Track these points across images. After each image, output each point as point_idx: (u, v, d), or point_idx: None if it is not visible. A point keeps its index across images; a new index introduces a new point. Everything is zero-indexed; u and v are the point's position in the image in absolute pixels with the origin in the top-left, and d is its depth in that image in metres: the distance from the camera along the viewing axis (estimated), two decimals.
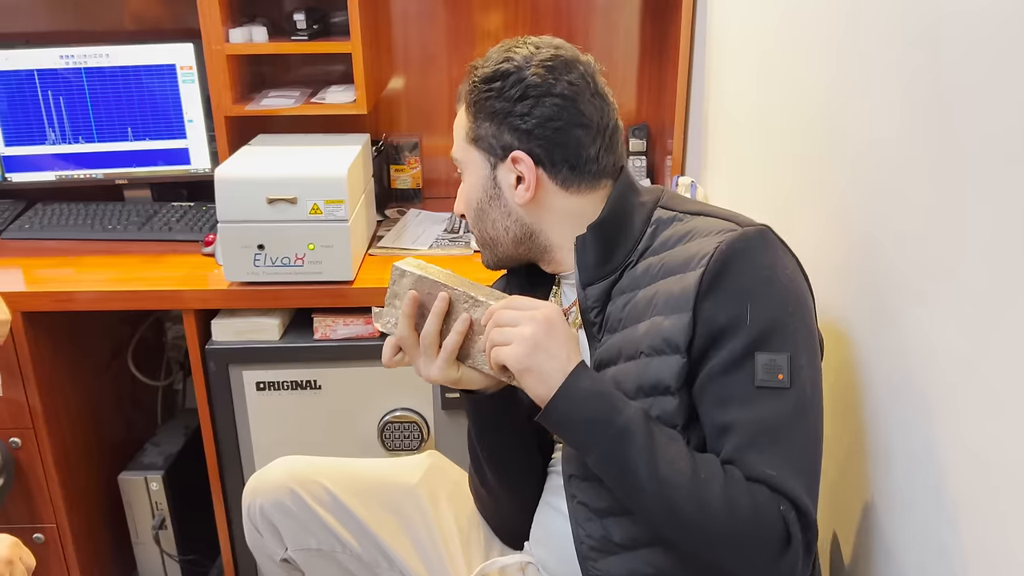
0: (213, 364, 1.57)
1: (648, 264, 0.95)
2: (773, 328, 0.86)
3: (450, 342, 0.94)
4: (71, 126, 1.82)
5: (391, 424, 1.61)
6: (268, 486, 1.16)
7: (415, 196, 2.02)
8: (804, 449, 0.86)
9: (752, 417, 0.85)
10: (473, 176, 1.02)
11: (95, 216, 1.83)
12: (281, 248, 1.51)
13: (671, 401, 0.88)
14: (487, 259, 1.08)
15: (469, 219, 1.06)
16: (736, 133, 1.53)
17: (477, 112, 0.99)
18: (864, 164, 0.98)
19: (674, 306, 0.89)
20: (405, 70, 1.98)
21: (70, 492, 1.68)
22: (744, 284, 0.87)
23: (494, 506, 1.15)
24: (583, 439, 0.88)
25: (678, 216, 0.97)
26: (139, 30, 1.92)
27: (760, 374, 0.85)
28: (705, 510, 0.83)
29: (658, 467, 0.84)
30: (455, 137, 1.04)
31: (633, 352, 0.92)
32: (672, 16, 1.81)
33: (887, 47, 0.92)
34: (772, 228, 0.92)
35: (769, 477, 0.83)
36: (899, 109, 0.89)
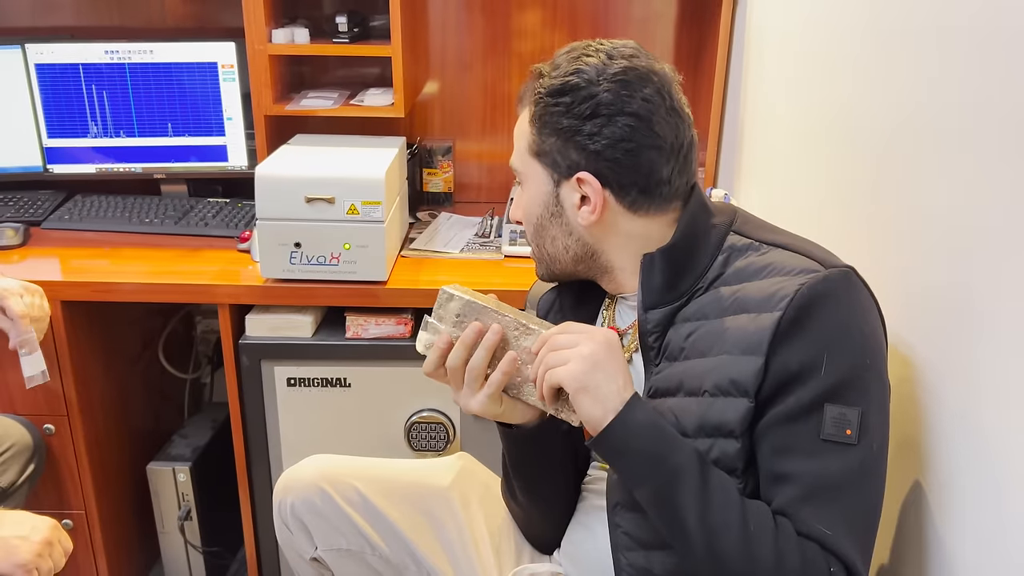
0: (246, 359, 1.59)
1: (719, 294, 0.91)
2: (848, 381, 0.83)
3: (495, 380, 0.92)
4: (113, 120, 1.85)
5: (418, 424, 1.62)
6: (299, 484, 1.17)
7: (446, 200, 2.04)
8: (863, 510, 0.84)
9: (813, 470, 0.82)
10: (534, 189, 0.98)
11: (133, 209, 1.86)
12: (317, 247, 1.53)
13: (733, 444, 0.85)
14: (542, 272, 1.05)
15: (527, 232, 1.02)
16: (771, 146, 1.54)
17: (542, 126, 0.93)
18: (904, 176, 0.99)
19: (746, 347, 0.85)
20: (441, 75, 2.00)
21: (99, 480, 1.70)
22: (823, 332, 0.83)
23: (524, 518, 1.15)
24: (635, 471, 0.85)
25: (754, 244, 0.93)
26: (182, 28, 1.95)
27: (828, 427, 0.82)
28: (753, 563, 0.80)
29: (708, 514, 0.81)
30: (516, 145, 0.99)
31: (696, 388, 0.89)
32: (709, 28, 1.82)
33: (929, 56, 0.92)
34: (856, 270, 0.88)
35: (823, 536, 0.81)
36: (941, 119, 0.89)
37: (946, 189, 0.89)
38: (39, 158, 1.87)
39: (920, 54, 0.96)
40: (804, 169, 1.35)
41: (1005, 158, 0.78)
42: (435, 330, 0.96)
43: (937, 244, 0.91)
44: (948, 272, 0.88)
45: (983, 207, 0.82)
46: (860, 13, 1.14)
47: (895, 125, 1.02)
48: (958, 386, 0.86)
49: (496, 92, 2.01)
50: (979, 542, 0.82)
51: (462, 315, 0.95)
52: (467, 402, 0.94)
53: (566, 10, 1.94)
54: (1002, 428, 0.78)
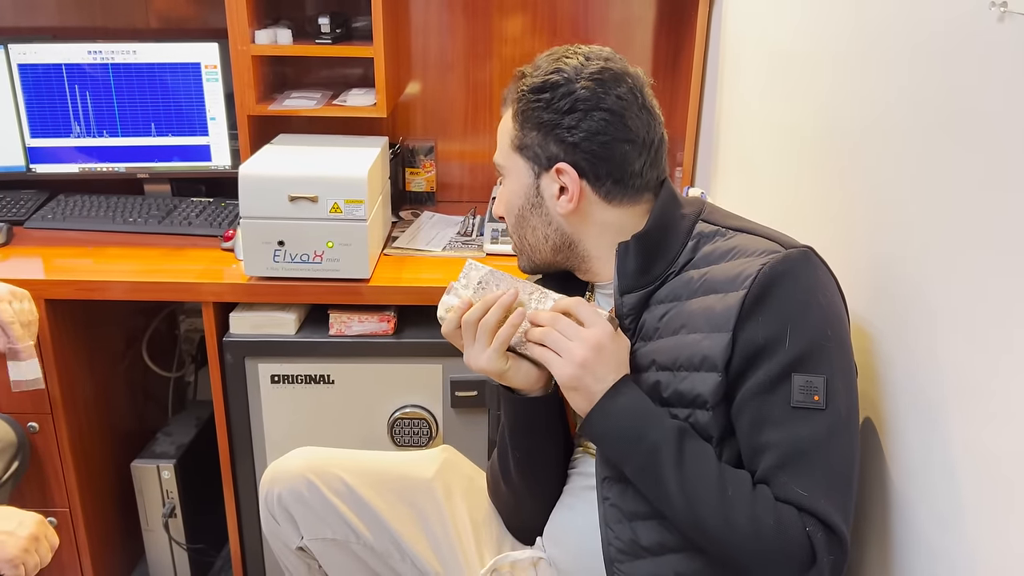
0: (230, 356, 1.60)
1: (689, 277, 0.97)
2: (811, 351, 0.88)
3: (503, 332, 0.97)
4: (96, 120, 1.86)
5: (401, 420, 1.64)
6: (286, 475, 1.19)
7: (429, 199, 2.06)
8: (837, 470, 0.88)
9: (786, 438, 0.87)
10: (516, 183, 1.04)
11: (116, 209, 1.87)
12: (301, 245, 1.55)
13: (706, 415, 0.91)
14: (524, 264, 1.11)
15: (508, 224, 1.08)
16: (747, 145, 1.57)
17: (524, 121, 1.00)
18: (875, 174, 1.02)
19: (715, 324, 0.91)
20: (423, 75, 2.03)
21: (83, 478, 1.71)
22: (785, 307, 0.88)
23: (512, 502, 1.18)
24: (618, 451, 0.93)
25: (720, 231, 0.99)
26: (165, 28, 1.96)
27: (796, 395, 0.87)
28: (730, 526, 0.86)
29: (685, 483, 0.88)
30: (499, 142, 1.06)
31: (671, 363, 0.94)
32: (686, 31, 1.85)
33: (898, 57, 0.96)
34: (814, 249, 0.93)
35: (800, 498, 0.86)
36: (911, 117, 0.93)
37: (909, 186, 0.93)
38: (22, 158, 1.88)
39: (889, 59, 1.00)
40: (778, 167, 1.39)
41: (960, 159, 0.82)
42: (457, 295, 1.03)
43: (899, 236, 0.95)
44: (908, 262, 0.92)
45: (941, 202, 0.86)
46: (831, 19, 1.18)
47: (864, 126, 1.06)
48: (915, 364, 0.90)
49: (478, 93, 2.04)
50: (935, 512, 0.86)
51: (483, 283, 1.02)
52: (476, 357, 0.99)
53: (546, 13, 1.97)
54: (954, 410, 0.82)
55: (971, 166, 0.81)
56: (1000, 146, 0.76)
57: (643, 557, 0.97)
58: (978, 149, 0.80)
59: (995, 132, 0.77)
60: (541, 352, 0.95)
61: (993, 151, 0.77)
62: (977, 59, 0.80)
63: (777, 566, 0.86)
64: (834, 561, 0.86)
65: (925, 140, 0.90)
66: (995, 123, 0.77)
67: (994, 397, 0.77)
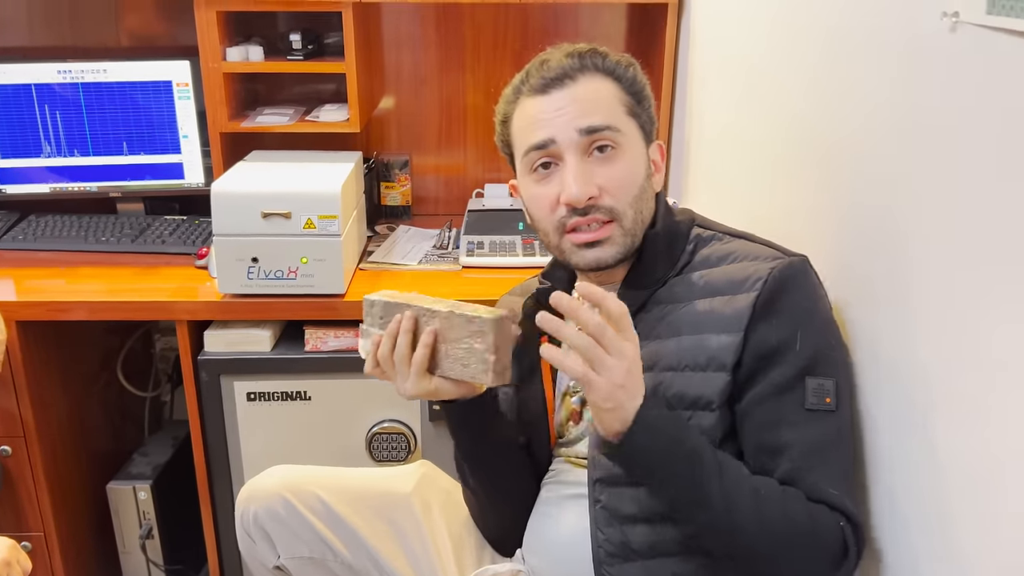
0: (205, 374, 1.59)
1: (688, 279, 0.98)
2: (821, 355, 0.91)
3: (418, 355, 0.96)
4: (67, 140, 1.85)
5: (379, 435, 1.64)
6: (262, 494, 1.18)
7: (404, 213, 2.07)
8: (848, 467, 0.92)
9: (804, 439, 0.90)
10: (637, 152, 1.00)
11: (88, 228, 1.85)
12: (275, 261, 1.54)
13: (710, 416, 0.93)
14: (618, 251, 0.99)
15: (629, 196, 0.98)
16: (716, 156, 1.59)
17: (630, 88, 1.01)
18: (841, 184, 1.04)
19: (724, 326, 0.92)
20: (396, 90, 2.03)
21: (58, 501, 1.69)
22: (795, 311, 0.91)
23: (486, 514, 1.18)
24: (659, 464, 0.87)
25: (716, 235, 1.02)
26: (135, 47, 1.96)
27: (810, 397, 0.90)
28: (765, 527, 0.86)
29: (725, 488, 0.86)
30: (607, 107, 0.98)
31: (675, 364, 0.95)
32: (656, 46, 1.87)
33: (860, 70, 0.98)
34: (809, 258, 0.97)
35: (832, 496, 0.88)
36: (875, 127, 0.95)
37: (875, 195, 0.95)
38: None
39: (853, 71, 1.02)
40: (746, 178, 1.41)
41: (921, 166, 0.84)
42: (368, 335, 1.02)
43: (864, 243, 0.96)
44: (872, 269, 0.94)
45: (909, 208, 0.87)
46: (796, 33, 1.20)
47: (830, 137, 1.07)
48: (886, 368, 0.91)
49: (452, 106, 2.05)
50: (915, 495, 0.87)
51: (385, 315, 1.01)
52: (402, 386, 0.99)
53: (517, 26, 1.99)
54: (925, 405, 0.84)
55: (932, 172, 0.82)
56: (957, 151, 0.78)
57: (633, 560, 0.97)
58: (938, 155, 0.81)
59: (953, 137, 0.78)
60: (584, 373, 0.81)
61: (951, 157, 0.79)
62: (933, 69, 0.82)
63: (814, 562, 0.88)
64: (859, 551, 0.89)
65: (889, 149, 0.91)
66: (951, 129, 0.78)
67: (966, 398, 0.78)
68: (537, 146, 0.99)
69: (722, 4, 1.54)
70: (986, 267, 0.73)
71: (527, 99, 1.01)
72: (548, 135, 0.98)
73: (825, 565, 0.88)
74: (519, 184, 1.07)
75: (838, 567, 0.88)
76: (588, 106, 0.97)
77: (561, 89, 0.98)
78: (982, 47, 0.73)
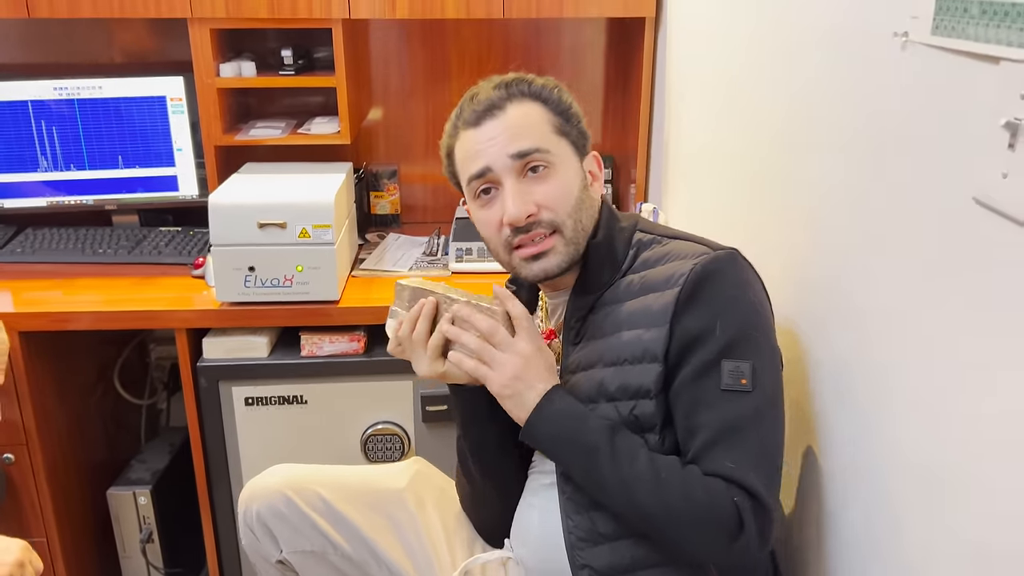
0: (204, 381, 1.64)
1: (629, 281, 1.06)
2: (738, 339, 0.97)
3: (434, 339, 1.05)
4: (63, 154, 1.90)
5: (374, 437, 1.70)
6: (264, 492, 1.24)
7: (394, 221, 2.13)
8: (764, 445, 0.97)
9: (717, 417, 0.96)
10: (568, 165, 1.08)
11: (85, 240, 1.90)
12: (271, 270, 1.60)
13: (650, 404, 1.00)
14: (565, 258, 1.07)
15: (565, 210, 1.06)
16: (693, 162, 1.66)
17: (556, 109, 1.08)
18: (806, 188, 1.11)
19: (654, 320, 1.00)
20: (384, 102, 2.09)
21: (60, 507, 1.73)
22: (715, 300, 0.98)
23: (480, 503, 1.24)
24: (557, 454, 1.02)
25: (656, 239, 1.09)
26: (128, 63, 2.01)
27: (725, 378, 0.96)
28: (666, 507, 0.94)
29: (622, 474, 0.96)
30: (535, 131, 1.06)
31: (616, 359, 1.03)
32: (635, 55, 1.95)
33: (820, 83, 1.05)
34: (740, 251, 1.04)
35: (729, 470, 0.94)
36: (835, 135, 1.02)
37: (836, 199, 1.02)
38: None
39: (814, 84, 1.09)
40: (720, 182, 1.48)
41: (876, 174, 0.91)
42: (395, 316, 1.12)
43: (827, 241, 1.03)
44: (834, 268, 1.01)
45: (863, 213, 0.94)
46: (761, 45, 1.27)
47: (796, 143, 1.15)
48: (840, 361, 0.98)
49: (438, 117, 2.09)
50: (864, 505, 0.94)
51: (412, 299, 1.09)
52: (418, 366, 1.08)
53: (500, 39, 2.05)
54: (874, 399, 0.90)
55: (887, 179, 0.89)
56: (907, 160, 0.85)
57: (601, 544, 1.03)
58: (891, 165, 0.88)
59: (904, 147, 0.85)
60: (474, 367, 1.02)
61: (902, 166, 0.86)
62: (885, 84, 0.89)
63: (709, 537, 0.93)
64: (760, 529, 0.93)
65: (851, 158, 0.98)
66: (902, 139, 0.86)
67: (912, 391, 0.85)
68: (476, 175, 1.07)
69: (697, 20, 1.62)
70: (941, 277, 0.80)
71: (463, 132, 1.09)
72: (484, 164, 1.06)
73: (721, 540, 0.93)
74: (470, 209, 1.15)
75: (734, 540, 0.92)
76: (517, 132, 1.05)
77: (492, 119, 1.06)
78: (928, 63, 0.80)
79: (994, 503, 0.72)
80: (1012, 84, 0.67)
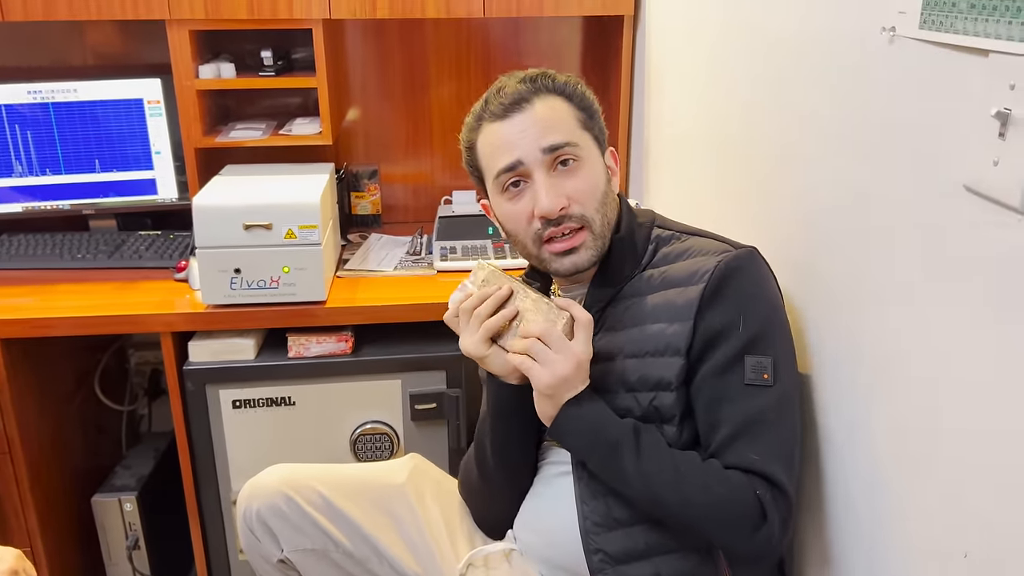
0: (191, 384, 1.63)
1: (649, 275, 1.09)
2: (761, 335, 1.00)
3: (492, 320, 1.06)
4: (38, 159, 1.87)
5: (363, 436, 1.70)
6: (264, 491, 1.24)
7: (375, 221, 2.13)
8: (784, 438, 1.00)
9: (740, 411, 0.99)
10: (593, 159, 1.09)
11: (63, 246, 1.87)
12: (257, 271, 1.59)
13: (670, 396, 1.03)
14: (592, 255, 1.09)
15: (595, 202, 1.07)
16: (674, 156, 1.69)
17: (580, 104, 1.10)
18: (790, 180, 1.14)
19: (678, 315, 1.02)
20: (363, 102, 2.09)
21: (44, 515, 1.71)
22: (738, 297, 1.01)
23: (486, 494, 1.24)
24: (583, 448, 1.04)
25: (675, 235, 1.12)
26: (102, 65, 1.98)
27: (749, 373, 0.99)
28: (686, 499, 0.97)
29: (643, 467, 0.98)
30: (563, 125, 1.07)
31: (638, 351, 1.05)
32: (613, 53, 1.97)
33: (807, 78, 1.08)
34: (758, 249, 1.06)
35: (752, 462, 0.97)
36: (821, 129, 1.05)
37: (826, 193, 1.05)
38: None
39: (800, 78, 1.12)
40: (703, 177, 1.51)
41: (861, 165, 0.94)
42: (463, 289, 1.12)
43: (813, 235, 1.06)
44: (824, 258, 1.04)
45: (851, 203, 0.98)
46: (745, 42, 1.30)
47: (780, 138, 1.18)
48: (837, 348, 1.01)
49: (418, 117, 2.12)
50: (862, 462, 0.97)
51: (487, 280, 1.10)
52: (465, 340, 1.08)
53: (479, 38, 2.07)
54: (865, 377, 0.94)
55: (876, 170, 0.92)
56: (897, 151, 0.88)
57: (616, 529, 1.05)
58: (880, 156, 0.91)
59: (893, 138, 0.89)
60: (521, 360, 1.02)
61: (891, 156, 0.89)
62: (873, 78, 0.92)
63: (732, 528, 0.96)
64: (782, 518, 0.96)
65: (834, 152, 1.02)
66: (890, 130, 0.89)
67: (905, 375, 0.88)
68: (507, 168, 1.07)
69: (676, 16, 1.65)
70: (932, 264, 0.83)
71: (489, 125, 1.09)
72: (515, 157, 1.06)
73: (745, 530, 0.96)
74: (492, 204, 1.15)
75: (757, 531, 0.95)
76: (547, 125, 1.06)
77: (520, 113, 1.07)
78: (916, 57, 0.83)
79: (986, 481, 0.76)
80: (1002, 75, 0.71)
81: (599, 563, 1.06)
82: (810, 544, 1.12)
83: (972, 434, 0.77)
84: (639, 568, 1.04)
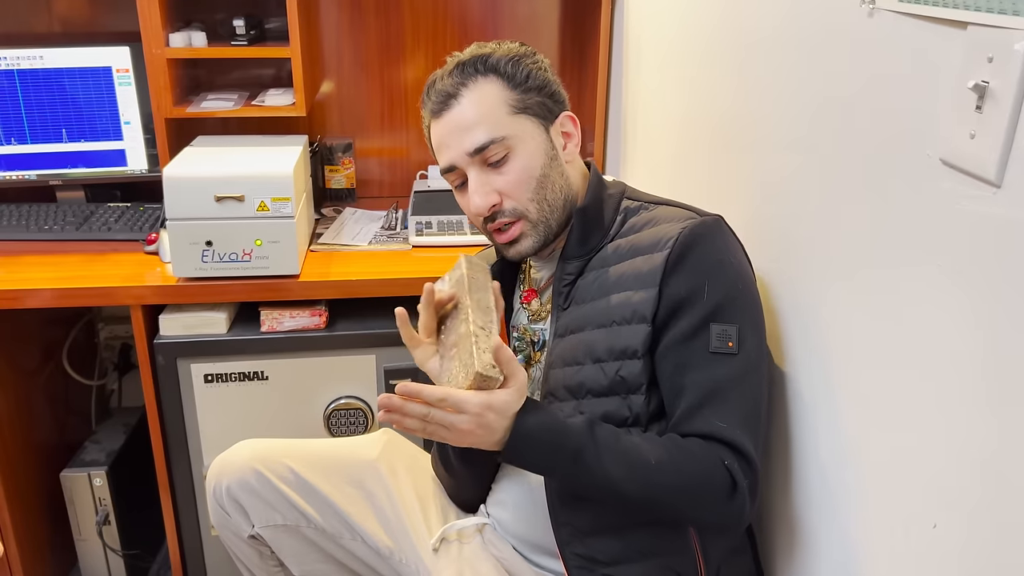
0: (162, 358, 1.61)
1: (617, 245, 1.08)
2: (725, 303, 1.00)
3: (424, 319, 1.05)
4: (3, 128, 1.82)
5: (337, 412, 1.69)
6: (233, 467, 1.22)
7: (349, 195, 2.10)
8: (749, 406, 1.00)
9: (705, 379, 0.98)
10: (530, 143, 1.07)
11: (29, 217, 1.83)
12: (229, 244, 1.57)
13: (636, 364, 1.02)
14: (537, 239, 1.10)
15: (528, 192, 1.07)
16: (651, 133, 1.68)
17: (516, 82, 1.07)
18: (765, 155, 1.14)
19: (643, 282, 1.02)
20: (337, 74, 2.06)
21: (11, 491, 1.68)
22: (703, 264, 1.00)
23: (455, 482, 1.25)
24: (543, 468, 1.00)
25: (643, 205, 1.11)
26: (69, 32, 1.93)
27: (714, 341, 0.99)
28: (658, 486, 0.95)
29: (606, 467, 0.95)
30: (489, 118, 1.06)
31: (605, 320, 1.04)
32: (591, 28, 1.95)
33: (782, 52, 1.08)
34: (723, 218, 1.06)
35: (719, 429, 0.97)
36: (796, 104, 1.05)
37: (796, 167, 1.05)
38: None
39: (775, 53, 1.11)
40: (679, 152, 1.50)
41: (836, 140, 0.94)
42: (441, 282, 1.11)
43: (788, 210, 1.06)
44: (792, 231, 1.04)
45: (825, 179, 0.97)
46: (721, 16, 1.29)
47: (754, 112, 1.17)
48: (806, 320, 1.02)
49: (393, 90, 2.09)
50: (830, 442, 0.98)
51: (459, 281, 1.07)
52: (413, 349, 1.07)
53: (456, 10, 2.04)
54: None
55: (848, 143, 0.92)
56: (874, 123, 0.87)
57: (584, 502, 1.05)
58: (858, 128, 0.91)
59: (870, 110, 0.88)
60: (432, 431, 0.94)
61: (869, 129, 0.89)
62: (850, 52, 0.91)
63: (707, 502, 0.96)
64: (751, 485, 0.97)
65: (814, 123, 1.01)
66: (868, 102, 0.88)
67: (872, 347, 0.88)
68: (445, 170, 1.11)
69: None
70: (908, 235, 0.83)
71: (431, 120, 1.11)
72: (449, 160, 1.09)
73: (719, 502, 0.95)
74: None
75: (731, 499, 0.95)
76: (472, 124, 1.06)
77: (448, 111, 1.08)
78: (895, 29, 0.83)
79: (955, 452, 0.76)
80: (980, 48, 0.70)
81: (567, 536, 1.06)
82: (778, 511, 1.13)
83: (941, 404, 0.78)
84: (608, 542, 1.04)
